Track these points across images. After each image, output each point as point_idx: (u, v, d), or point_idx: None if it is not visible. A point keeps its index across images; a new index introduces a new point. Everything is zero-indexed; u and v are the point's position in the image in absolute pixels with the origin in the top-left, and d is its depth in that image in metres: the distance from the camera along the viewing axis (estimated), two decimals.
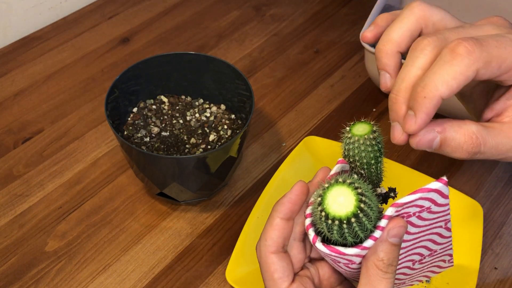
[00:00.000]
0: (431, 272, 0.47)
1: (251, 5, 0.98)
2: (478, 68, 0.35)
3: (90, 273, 0.61)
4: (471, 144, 0.36)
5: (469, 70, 0.35)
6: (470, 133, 0.36)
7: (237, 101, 0.68)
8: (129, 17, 0.94)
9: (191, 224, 0.66)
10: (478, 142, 0.36)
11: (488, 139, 0.37)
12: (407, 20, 0.40)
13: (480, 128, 0.37)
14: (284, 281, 0.41)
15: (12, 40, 0.89)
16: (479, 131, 0.37)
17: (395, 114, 0.38)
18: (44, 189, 0.69)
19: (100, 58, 0.86)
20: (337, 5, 0.99)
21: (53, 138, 0.75)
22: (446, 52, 0.35)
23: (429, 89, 0.35)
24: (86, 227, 0.65)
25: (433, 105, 0.35)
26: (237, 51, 0.89)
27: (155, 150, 0.64)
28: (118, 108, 0.66)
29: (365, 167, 0.40)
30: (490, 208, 0.68)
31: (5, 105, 0.79)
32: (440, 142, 0.37)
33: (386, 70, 0.40)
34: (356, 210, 0.36)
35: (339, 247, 0.38)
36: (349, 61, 0.88)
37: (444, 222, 0.40)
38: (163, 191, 0.63)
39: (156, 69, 0.68)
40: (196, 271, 0.62)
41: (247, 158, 0.73)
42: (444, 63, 0.35)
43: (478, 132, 0.36)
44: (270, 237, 0.41)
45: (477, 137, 0.36)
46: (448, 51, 0.35)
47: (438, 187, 0.37)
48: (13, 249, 0.63)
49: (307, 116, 0.79)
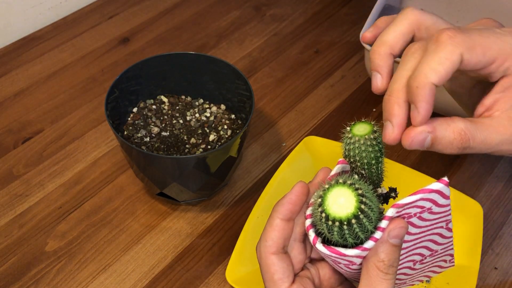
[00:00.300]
0: (432, 272, 0.47)
1: (251, 5, 0.98)
2: (461, 52, 0.37)
3: (90, 273, 0.61)
4: (460, 141, 0.38)
5: (454, 54, 0.36)
6: (459, 130, 0.38)
7: (237, 101, 0.68)
8: (129, 17, 0.94)
9: (191, 224, 0.66)
10: (466, 138, 0.38)
11: (477, 134, 0.38)
12: (400, 24, 0.42)
13: (468, 124, 0.38)
14: (284, 282, 0.41)
15: (12, 40, 0.89)
16: (467, 127, 0.38)
17: (387, 114, 0.39)
18: (44, 189, 0.69)
19: (100, 58, 0.86)
20: (337, 5, 0.99)
21: (53, 138, 0.75)
22: (430, 43, 0.37)
23: (420, 78, 0.37)
24: (86, 227, 0.65)
25: (427, 92, 0.36)
26: (237, 51, 0.89)
27: (155, 150, 0.64)
28: (118, 108, 0.66)
29: (365, 167, 0.40)
30: (490, 208, 0.68)
31: (5, 105, 0.79)
32: (431, 141, 0.38)
33: (378, 70, 0.42)
34: (357, 211, 0.36)
35: (340, 248, 0.38)
36: (349, 61, 0.88)
37: (445, 223, 0.40)
38: (163, 191, 0.63)
39: (156, 69, 0.68)
40: (196, 271, 0.62)
41: (247, 158, 0.73)
42: (429, 53, 0.37)
43: (466, 128, 0.38)
44: (270, 237, 0.41)
45: (465, 133, 0.38)
46: (433, 42, 0.37)
47: (439, 188, 0.37)
48: (13, 249, 0.63)
49: (307, 116, 0.79)
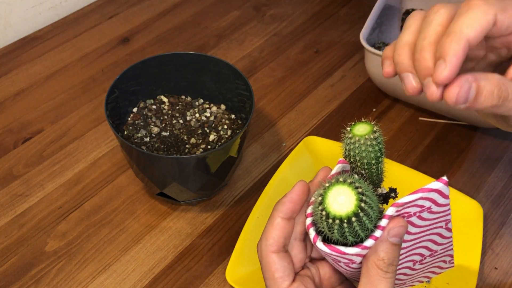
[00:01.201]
0: (432, 273, 0.47)
1: (251, 5, 0.98)
2: (495, 13, 0.37)
3: (90, 273, 0.61)
4: (499, 89, 0.38)
5: (488, 13, 0.37)
6: (497, 79, 0.38)
7: (237, 101, 0.68)
8: (129, 17, 0.94)
9: (191, 224, 0.66)
10: (505, 87, 0.38)
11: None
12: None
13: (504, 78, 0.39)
14: (285, 280, 0.41)
15: (12, 40, 0.89)
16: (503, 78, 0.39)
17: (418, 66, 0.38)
18: (44, 189, 0.69)
19: (100, 58, 0.86)
20: (337, 5, 0.99)
21: (53, 138, 0.75)
22: (462, 6, 0.38)
23: (455, 34, 0.36)
24: (86, 227, 0.65)
25: (462, 47, 0.36)
26: (237, 51, 0.89)
27: (155, 150, 0.64)
28: (118, 108, 0.66)
29: (365, 167, 0.40)
30: (490, 208, 0.68)
31: (5, 105, 0.79)
32: (475, 91, 0.37)
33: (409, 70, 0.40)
34: (357, 210, 0.36)
35: (340, 246, 0.38)
36: (349, 61, 0.88)
37: (444, 223, 0.40)
38: (163, 191, 0.63)
39: (156, 69, 0.68)
40: (196, 271, 0.62)
41: (247, 158, 0.73)
42: (463, 13, 0.37)
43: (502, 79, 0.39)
44: (271, 236, 0.41)
45: (503, 83, 0.38)
46: (464, 5, 0.38)
47: (439, 187, 0.37)
48: (13, 249, 0.63)
49: (307, 116, 0.79)
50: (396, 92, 0.78)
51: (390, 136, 0.75)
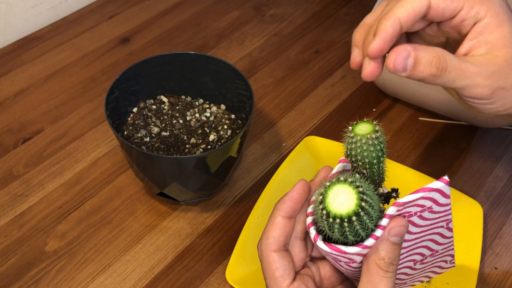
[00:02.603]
0: (432, 273, 0.47)
1: (251, 5, 0.98)
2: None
3: (90, 273, 0.61)
4: (438, 60, 0.40)
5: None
6: (437, 51, 0.40)
7: (237, 101, 0.68)
8: (129, 17, 0.94)
9: (191, 224, 0.66)
10: (443, 59, 0.40)
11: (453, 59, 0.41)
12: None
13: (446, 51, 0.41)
14: (285, 279, 0.41)
15: (12, 40, 0.89)
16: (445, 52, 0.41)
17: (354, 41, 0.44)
18: (44, 189, 0.68)
19: (100, 58, 0.86)
20: (337, 5, 0.99)
21: (53, 138, 0.75)
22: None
23: (388, 13, 0.40)
24: (86, 227, 0.65)
25: (391, 24, 0.40)
26: (237, 51, 0.89)
27: (155, 150, 0.64)
28: (118, 108, 0.66)
29: (367, 167, 0.40)
30: (490, 208, 0.68)
31: (5, 105, 0.79)
32: (413, 60, 0.40)
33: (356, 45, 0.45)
34: (358, 209, 0.36)
35: (340, 245, 0.38)
36: (349, 61, 0.87)
37: (445, 222, 0.40)
38: (163, 191, 0.63)
39: (156, 69, 0.68)
40: (196, 271, 0.62)
41: (247, 158, 0.73)
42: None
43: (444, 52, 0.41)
44: (272, 235, 0.41)
45: (442, 54, 0.40)
46: None
47: (440, 187, 0.37)
48: (13, 249, 0.63)
49: (307, 116, 0.79)
50: (396, 92, 0.78)
51: (390, 136, 0.75)
